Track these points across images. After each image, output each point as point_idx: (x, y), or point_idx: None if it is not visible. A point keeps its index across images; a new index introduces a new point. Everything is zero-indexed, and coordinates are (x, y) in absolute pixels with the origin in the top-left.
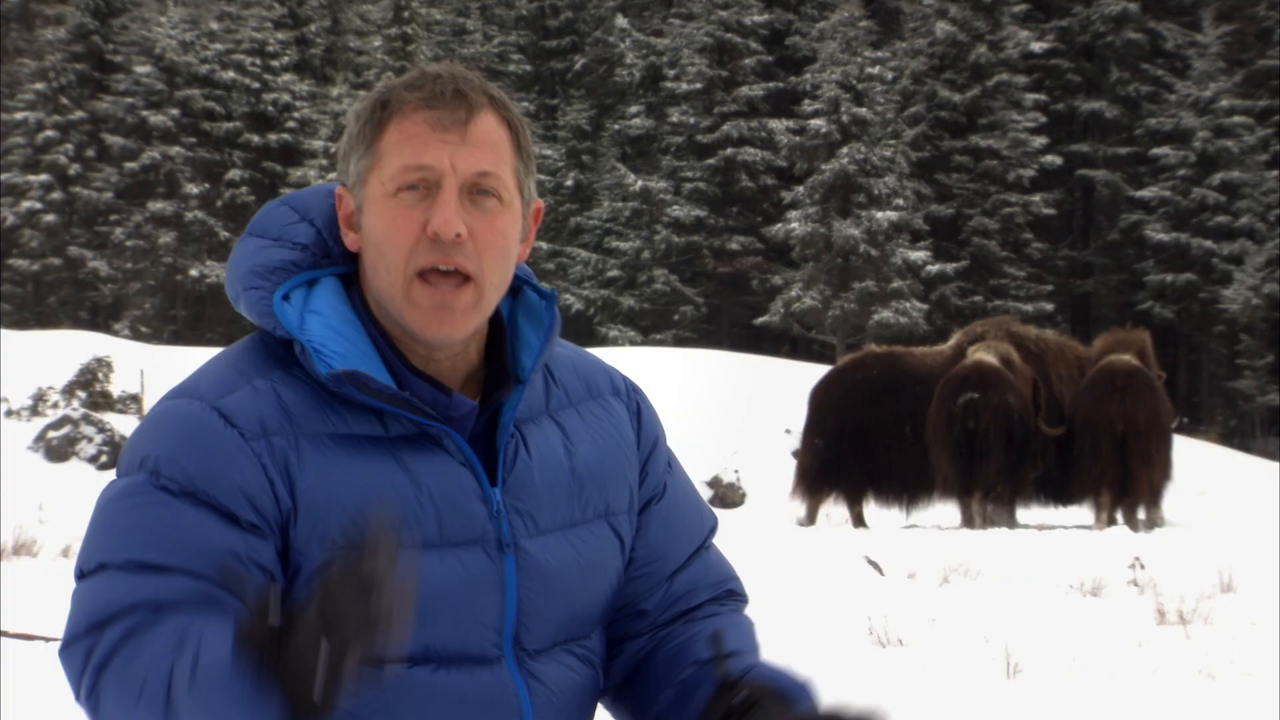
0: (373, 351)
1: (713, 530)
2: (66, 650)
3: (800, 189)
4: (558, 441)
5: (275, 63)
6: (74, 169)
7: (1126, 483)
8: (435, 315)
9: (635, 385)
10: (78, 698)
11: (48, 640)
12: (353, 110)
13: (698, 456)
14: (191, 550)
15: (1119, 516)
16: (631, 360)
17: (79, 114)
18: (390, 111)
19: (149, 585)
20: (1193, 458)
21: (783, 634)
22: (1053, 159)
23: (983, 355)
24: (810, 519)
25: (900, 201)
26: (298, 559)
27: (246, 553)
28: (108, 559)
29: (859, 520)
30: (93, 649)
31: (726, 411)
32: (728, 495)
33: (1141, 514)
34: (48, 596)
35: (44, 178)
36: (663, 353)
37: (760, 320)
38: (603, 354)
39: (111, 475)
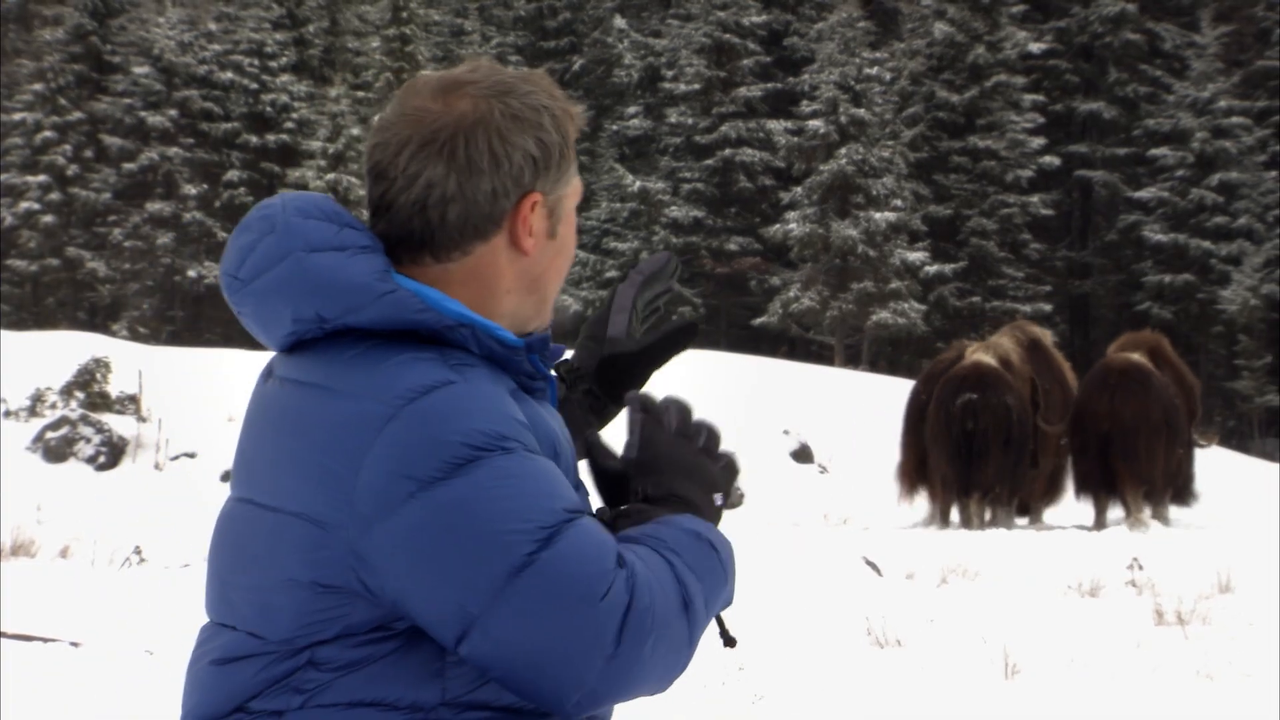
0: None
1: None
2: (597, 605)
3: (798, 190)
4: None
5: (273, 63)
6: (72, 170)
7: (1115, 480)
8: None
9: None
10: (630, 670)
11: (46, 640)
12: (556, 118)
13: None
14: (577, 498)
15: (1122, 513)
16: None
17: (77, 115)
18: (574, 127)
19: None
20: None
21: (781, 634)
22: (1051, 160)
23: (981, 356)
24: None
25: (898, 202)
26: None
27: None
28: (568, 506)
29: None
30: (626, 575)
31: (724, 412)
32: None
33: (1148, 513)
34: (46, 597)
35: (42, 178)
36: None
37: (758, 321)
38: None
39: (110, 476)
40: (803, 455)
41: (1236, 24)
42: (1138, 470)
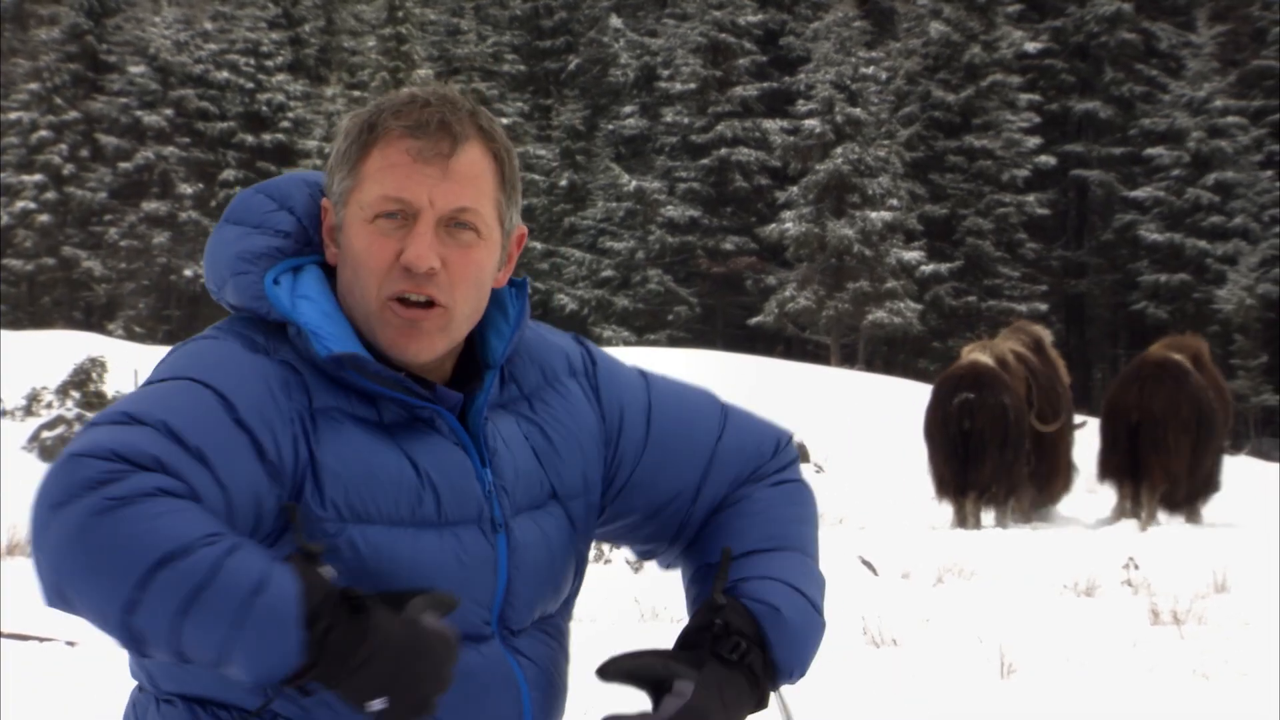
0: (357, 340)
1: (722, 411)
2: (77, 460)
3: (794, 189)
4: (516, 428)
5: (269, 63)
6: (68, 169)
7: (1141, 471)
8: (404, 333)
9: (594, 358)
10: (53, 507)
11: (42, 640)
12: (342, 126)
13: None
14: (230, 462)
15: (1147, 506)
16: (625, 360)
17: (73, 114)
18: (375, 136)
19: (188, 466)
20: None
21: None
22: (1047, 159)
23: (978, 356)
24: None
25: (894, 202)
26: (311, 526)
27: (264, 493)
28: (149, 417)
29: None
30: (112, 473)
31: None
32: None
33: (1181, 515)
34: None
35: (38, 178)
36: (657, 353)
37: (754, 320)
38: None
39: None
40: (799, 455)
41: (1233, 23)
42: (1166, 464)
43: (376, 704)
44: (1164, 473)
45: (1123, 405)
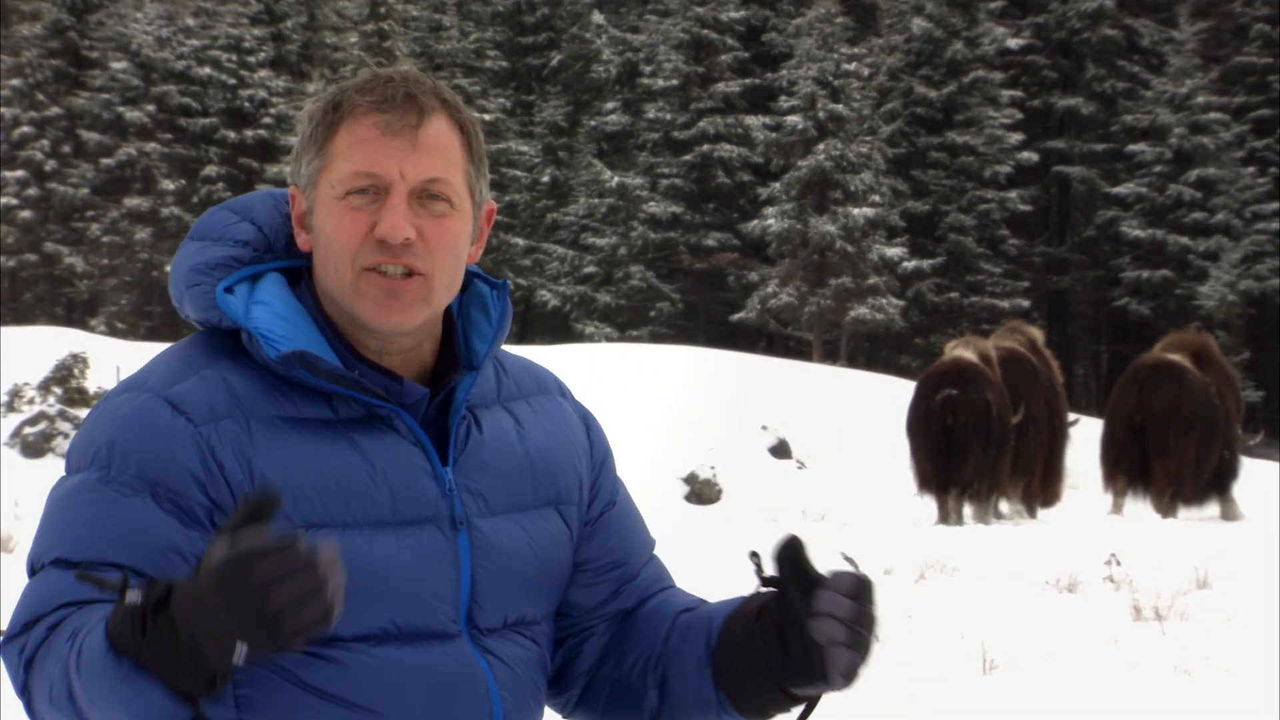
0: (321, 339)
1: (654, 545)
2: (5, 648)
3: (777, 185)
4: (510, 427)
5: (251, 59)
6: (50, 165)
7: (1146, 471)
8: (384, 304)
9: (585, 409)
10: (17, 693)
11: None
12: (305, 110)
13: (673, 453)
14: (129, 545)
15: (1155, 503)
16: (607, 357)
17: (55, 110)
18: (341, 114)
19: (75, 586)
20: None
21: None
22: (1029, 155)
23: (961, 352)
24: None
25: (876, 198)
26: None
27: (189, 548)
28: (49, 557)
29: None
30: (24, 647)
31: (702, 408)
32: (704, 492)
33: (1180, 507)
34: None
35: (20, 174)
36: (639, 349)
37: (737, 316)
38: (578, 351)
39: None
40: (781, 451)
41: (1214, 20)
42: (1169, 463)
43: (240, 653)
44: (1166, 473)
45: (1123, 408)
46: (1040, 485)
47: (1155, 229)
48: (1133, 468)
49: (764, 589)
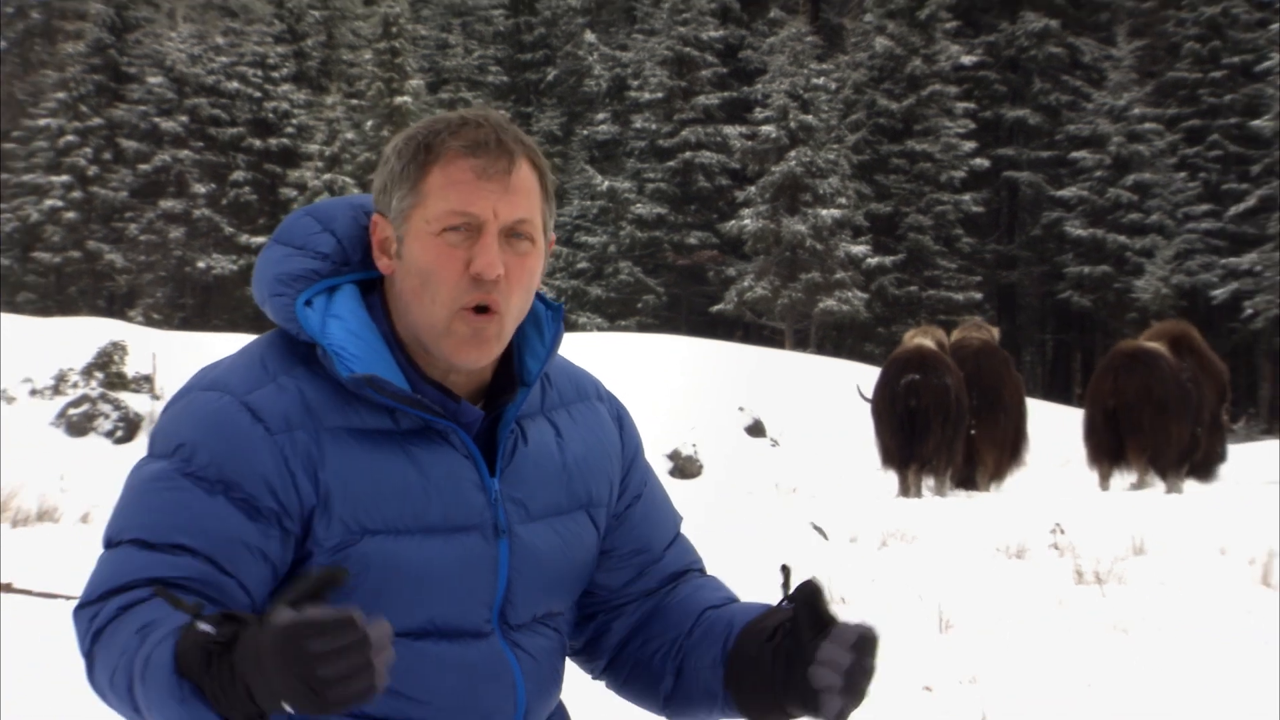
0: (389, 355)
1: (680, 523)
2: (77, 612)
3: (752, 189)
4: (551, 438)
5: (275, 74)
6: (92, 170)
7: (1122, 451)
8: (470, 343)
9: (617, 399)
10: (82, 654)
11: (69, 599)
12: (392, 147)
13: (659, 432)
14: (202, 534)
15: (1136, 476)
16: (599, 345)
17: (97, 120)
18: (435, 156)
19: (155, 562)
20: None
21: (738, 592)
22: (981, 162)
23: (922, 341)
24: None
25: (843, 200)
26: (312, 544)
27: (256, 542)
28: (127, 535)
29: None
30: (95, 616)
31: (685, 391)
32: (686, 467)
33: (1155, 479)
34: (68, 558)
35: (65, 178)
36: (627, 338)
37: (716, 308)
38: (571, 340)
39: (127, 449)
40: (756, 430)
41: (1150, 39)
42: (1143, 442)
43: (286, 709)
44: (1139, 450)
45: (1099, 393)
46: (1009, 461)
47: (1096, 229)
48: (1113, 448)
49: (782, 606)
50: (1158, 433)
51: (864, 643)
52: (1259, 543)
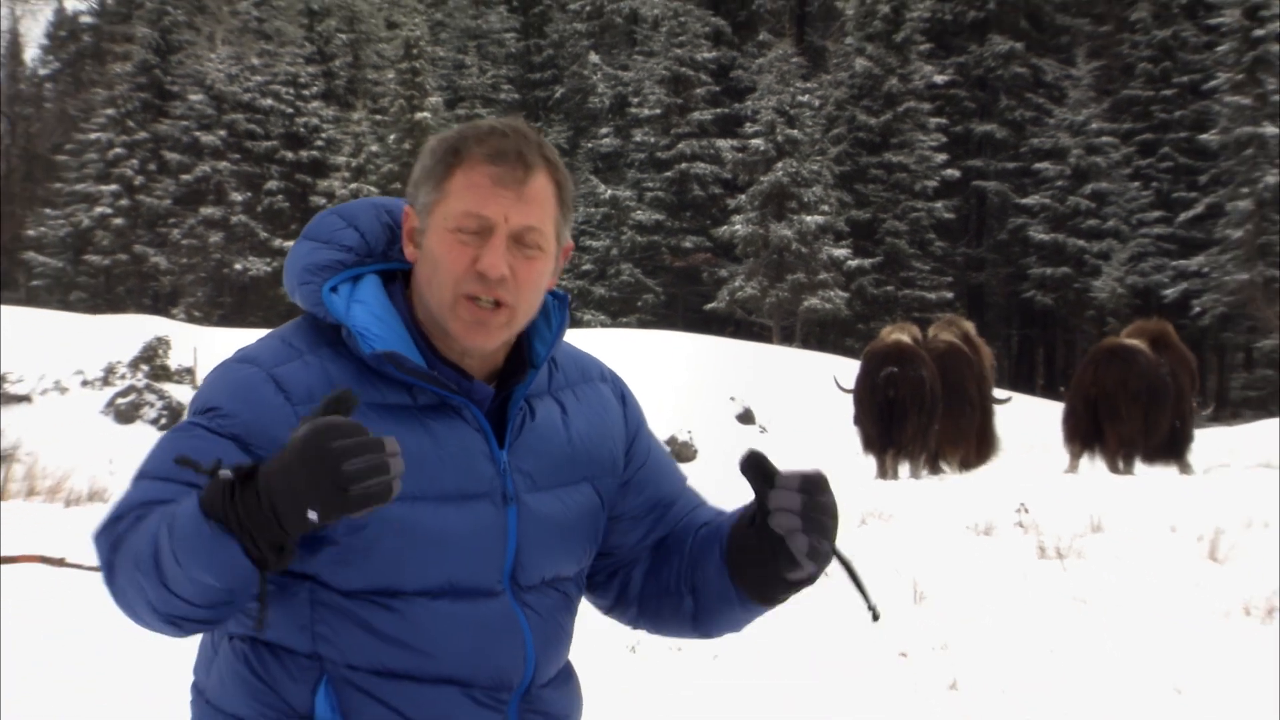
0: (408, 337)
1: (685, 480)
2: (98, 535)
3: (742, 197)
4: (557, 416)
5: (306, 92)
6: (138, 180)
7: (1100, 436)
8: (473, 329)
9: (619, 377)
10: (103, 570)
11: None
12: (428, 146)
13: (657, 420)
14: (205, 456)
15: (1108, 462)
16: (603, 340)
17: (143, 134)
18: (460, 159)
19: (164, 489)
20: None
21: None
22: (952, 172)
23: (899, 336)
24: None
25: (825, 208)
26: None
27: None
28: (145, 470)
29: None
30: (113, 532)
31: (681, 382)
32: (682, 452)
33: (1139, 464)
34: None
35: (113, 188)
36: (628, 333)
37: (709, 306)
38: (577, 336)
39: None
40: (746, 418)
41: (1106, 60)
42: (1119, 429)
43: (311, 517)
44: (1117, 438)
45: (1080, 385)
46: (975, 453)
47: (1057, 233)
48: (1088, 434)
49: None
50: (1133, 421)
51: (809, 482)
52: (1207, 521)
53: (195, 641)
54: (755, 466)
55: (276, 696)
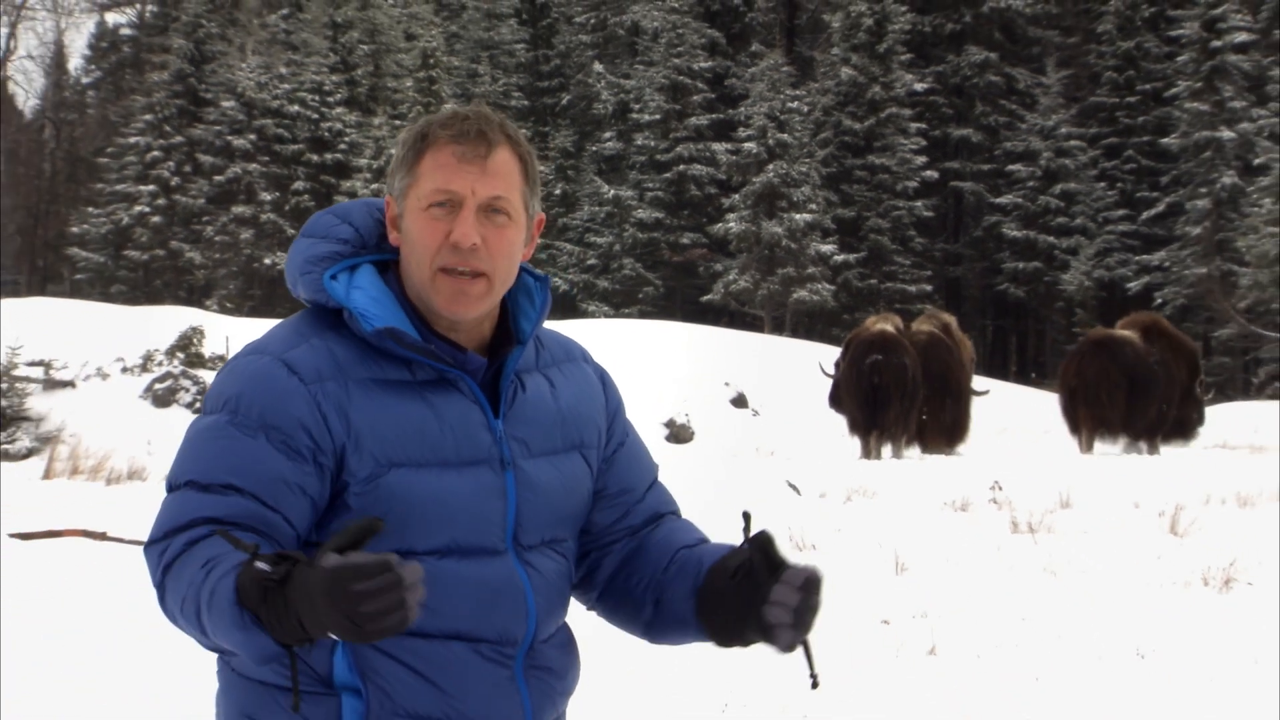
0: (404, 317)
1: (657, 471)
2: (148, 549)
3: (736, 197)
4: (546, 389)
5: (330, 99)
6: (174, 181)
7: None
8: (454, 299)
9: (603, 370)
10: (155, 586)
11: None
12: (400, 136)
13: (656, 404)
14: (249, 475)
15: (1085, 442)
16: (606, 330)
17: (178, 138)
18: (428, 143)
19: (210, 503)
20: (1039, 405)
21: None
22: (931, 174)
23: (884, 326)
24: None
25: (813, 206)
26: (347, 476)
27: (296, 480)
28: (184, 479)
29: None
30: (164, 551)
31: (679, 368)
32: (680, 434)
33: (1144, 447)
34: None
35: (151, 188)
36: (630, 324)
37: (705, 298)
38: (582, 325)
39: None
40: (739, 402)
41: (1074, 69)
42: (1099, 414)
43: (333, 636)
44: (1095, 421)
45: (1065, 375)
46: (954, 436)
47: (1028, 230)
48: (1073, 419)
49: (743, 548)
50: (1114, 406)
51: (810, 584)
52: (1168, 498)
53: (194, 643)
54: (762, 548)
55: (298, 660)
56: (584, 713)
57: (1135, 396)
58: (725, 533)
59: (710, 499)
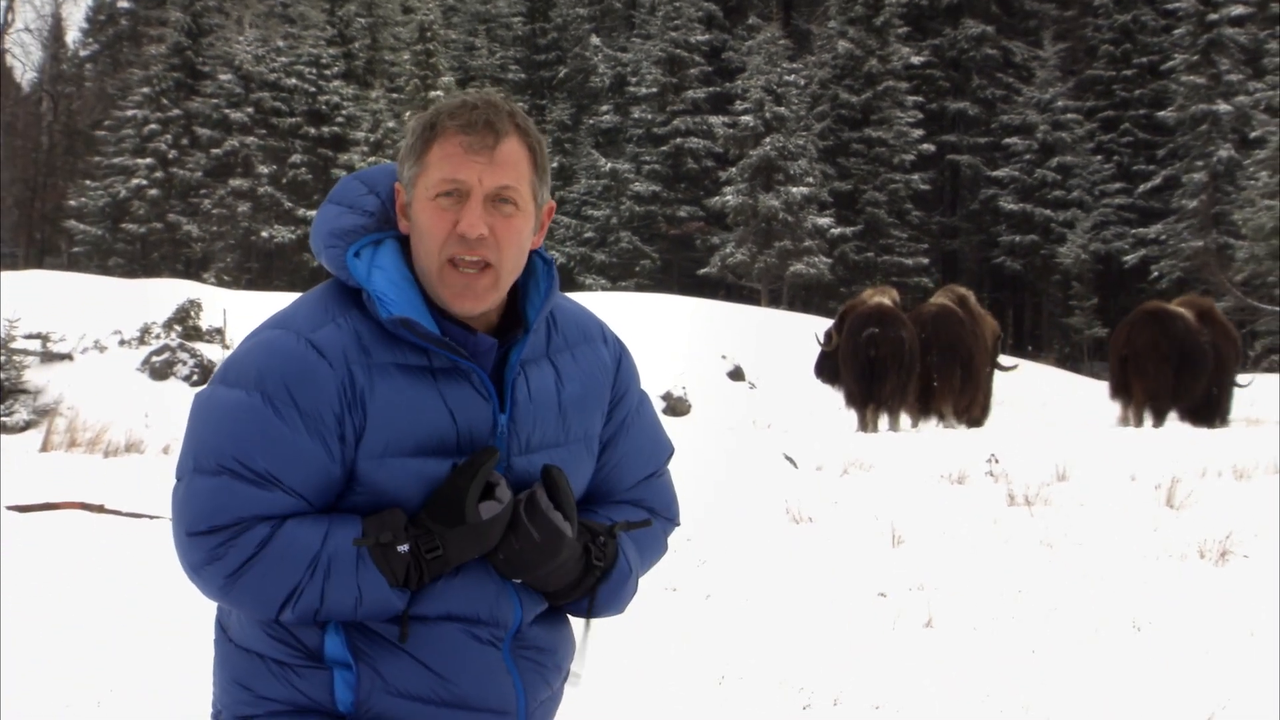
0: (421, 301)
1: (668, 457)
2: (193, 538)
3: (733, 169)
4: (551, 380)
5: (327, 72)
6: (172, 154)
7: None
8: (460, 294)
9: (621, 342)
10: (199, 580)
11: (153, 518)
12: (410, 125)
13: (655, 376)
14: (291, 469)
15: (1134, 416)
16: (603, 302)
17: (176, 111)
18: (436, 133)
19: (256, 498)
20: (1036, 378)
21: (720, 513)
22: (928, 147)
23: (881, 299)
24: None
25: (810, 179)
26: (363, 460)
27: (328, 465)
28: (222, 462)
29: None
30: (224, 551)
31: (676, 341)
32: (677, 406)
33: (1173, 420)
34: (152, 484)
35: (148, 161)
36: (627, 297)
37: (702, 271)
38: (580, 299)
39: (202, 389)
40: (736, 375)
41: (1071, 42)
42: (1146, 385)
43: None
44: (1143, 392)
45: (1115, 344)
46: (964, 407)
47: (1025, 203)
48: (1123, 389)
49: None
50: (1161, 379)
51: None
52: (1164, 471)
53: (193, 633)
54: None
55: (291, 635)
56: (578, 686)
57: (1184, 371)
58: (722, 504)
59: (708, 471)
